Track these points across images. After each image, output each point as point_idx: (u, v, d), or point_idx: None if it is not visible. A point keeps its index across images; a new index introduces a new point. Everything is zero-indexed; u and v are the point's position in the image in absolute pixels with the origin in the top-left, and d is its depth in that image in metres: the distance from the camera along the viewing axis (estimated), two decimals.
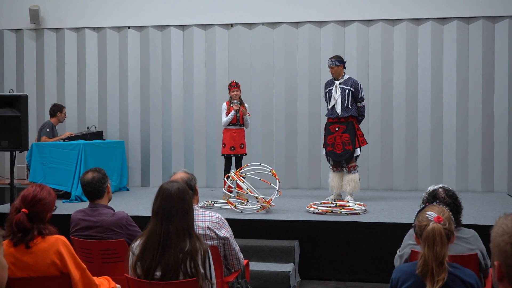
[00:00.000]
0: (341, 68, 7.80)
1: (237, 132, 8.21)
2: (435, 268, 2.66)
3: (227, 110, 8.19)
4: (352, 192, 7.75)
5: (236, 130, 8.21)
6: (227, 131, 8.24)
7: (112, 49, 10.33)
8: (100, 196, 4.10)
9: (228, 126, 8.21)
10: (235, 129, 8.21)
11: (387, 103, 9.50)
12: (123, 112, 10.28)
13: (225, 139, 8.26)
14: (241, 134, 8.25)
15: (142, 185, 10.20)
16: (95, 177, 4.09)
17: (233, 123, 8.18)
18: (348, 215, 6.72)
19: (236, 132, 8.21)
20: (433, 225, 2.73)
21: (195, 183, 3.84)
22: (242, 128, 8.27)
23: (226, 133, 8.25)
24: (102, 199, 4.11)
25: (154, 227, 3.00)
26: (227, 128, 8.23)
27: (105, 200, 4.12)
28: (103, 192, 4.11)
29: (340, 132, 7.75)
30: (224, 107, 8.26)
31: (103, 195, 4.12)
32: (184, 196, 3.05)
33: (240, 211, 7.01)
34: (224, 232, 3.77)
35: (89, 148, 8.63)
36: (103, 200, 4.11)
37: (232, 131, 8.20)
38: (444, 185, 3.70)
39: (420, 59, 9.41)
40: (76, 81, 10.43)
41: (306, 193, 9.06)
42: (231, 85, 8.21)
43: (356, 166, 7.81)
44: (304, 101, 9.73)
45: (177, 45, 10.13)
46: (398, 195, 8.76)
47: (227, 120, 8.15)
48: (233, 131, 8.20)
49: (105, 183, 4.11)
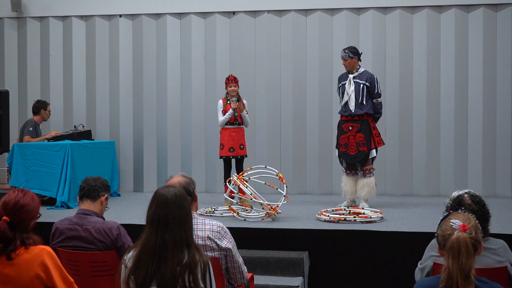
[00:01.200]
0: (355, 61, 7.80)
1: (236, 131, 8.20)
2: (460, 282, 2.65)
3: (223, 108, 8.18)
4: (367, 198, 7.74)
5: (234, 129, 8.19)
6: (225, 131, 8.22)
7: (101, 40, 10.34)
8: (93, 198, 4.14)
9: (226, 125, 8.20)
10: (234, 128, 8.20)
11: (406, 99, 9.49)
12: (114, 110, 10.30)
13: (223, 140, 8.24)
14: (241, 134, 8.25)
15: (134, 190, 10.21)
16: (99, 180, 4.24)
17: (231, 122, 8.17)
18: (363, 223, 6.70)
19: (235, 131, 8.20)
20: (458, 234, 2.73)
21: (194, 188, 3.84)
22: (241, 127, 8.27)
23: (224, 133, 8.24)
24: (94, 203, 4.14)
25: (149, 237, 3.00)
26: (224, 127, 8.23)
27: (96, 207, 4.15)
28: (97, 196, 4.16)
29: (354, 132, 7.74)
30: (220, 105, 8.24)
31: (96, 199, 4.16)
32: (182, 202, 3.05)
33: (243, 219, 7.00)
34: (226, 242, 3.77)
35: (76, 149, 8.65)
36: (94, 205, 4.14)
37: (230, 130, 8.18)
38: (470, 190, 3.69)
39: (443, 51, 9.39)
40: (62, 75, 10.45)
41: (317, 199, 9.06)
42: (229, 80, 8.19)
43: (371, 169, 7.80)
44: (314, 97, 9.72)
45: (174, 35, 10.14)
46: (419, 201, 8.74)
47: (224, 120, 8.14)
48: (232, 130, 8.18)
49: (104, 191, 4.20)
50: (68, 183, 8.36)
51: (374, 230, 6.35)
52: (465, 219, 2.82)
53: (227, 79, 8.22)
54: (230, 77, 8.21)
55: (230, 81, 8.16)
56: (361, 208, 7.45)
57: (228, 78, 8.22)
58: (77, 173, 8.50)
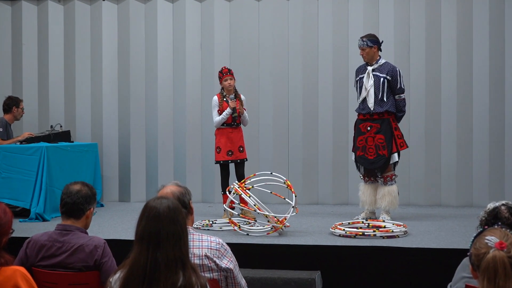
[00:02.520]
0: (375, 50, 7.80)
1: (234, 131, 8.23)
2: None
3: (219, 106, 8.18)
4: (388, 209, 7.74)
5: (232, 130, 8.23)
6: (221, 132, 8.25)
7: (82, 27, 10.34)
8: (78, 216, 4.11)
9: (222, 126, 8.22)
10: (231, 128, 8.23)
11: (434, 95, 9.48)
12: (96, 107, 10.31)
13: (219, 142, 8.26)
14: (239, 134, 8.28)
15: (120, 199, 10.22)
16: (83, 191, 4.14)
17: (227, 123, 8.20)
18: (383, 238, 6.71)
19: (233, 132, 8.22)
20: (495, 253, 2.73)
21: (189, 199, 3.84)
22: (239, 127, 8.29)
23: (220, 134, 8.26)
24: (79, 220, 4.12)
25: (138, 256, 3.00)
26: (220, 128, 8.24)
27: (81, 223, 4.14)
28: (82, 212, 4.13)
29: (373, 132, 7.74)
30: (215, 102, 8.26)
31: (81, 216, 4.13)
32: (176, 216, 3.06)
33: (246, 234, 7.01)
34: (227, 261, 3.78)
35: (53, 153, 8.65)
36: (78, 223, 4.12)
37: (227, 130, 8.21)
38: (508, 202, 3.69)
39: (476, 39, 9.38)
40: (36, 68, 10.46)
41: (330, 210, 9.06)
42: (222, 73, 8.19)
43: (393, 176, 7.80)
44: (327, 92, 9.72)
45: (165, 21, 10.14)
46: (448, 212, 8.74)
47: (220, 121, 8.17)
48: (229, 130, 8.22)
49: (90, 204, 4.15)
50: (43, 192, 8.36)
51: (396, 247, 6.35)
52: (503, 235, 2.82)
53: (220, 72, 8.25)
54: (224, 69, 8.24)
55: (225, 74, 8.17)
56: (381, 220, 7.46)
57: (221, 71, 8.24)
58: (54, 180, 8.50)
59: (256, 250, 6.51)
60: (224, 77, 8.17)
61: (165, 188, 3.86)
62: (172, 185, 3.87)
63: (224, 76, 8.17)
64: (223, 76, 8.18)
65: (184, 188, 3.88)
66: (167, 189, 3.82)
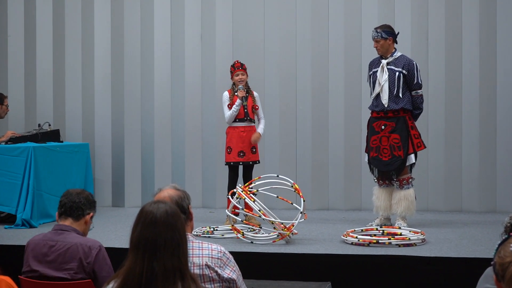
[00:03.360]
0: (389, 42, 7.81)
1: (246, 130, 8.22)
2: None
3: (230, 101, 8.20)
4: (405, 215, 7.74)
5: (245, 128, 8.22)
6: (233, 130, 8.25)
7: (72, 17, 10.35)
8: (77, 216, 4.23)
9: (233, 123, 8.22)
10: (244, 126, 8.22)
11: (455, 91, 9.47)
12: (88, 105, 10.32)
13: (230, 141, 8.27)
14: (252, 134, 8.26)
15: (113, 204, 10.23)
16: (84, 193, 4.33)
17: (240, 119, 8.20)
18: (399, 246, 6.71)
19: (246, 131, 8.22)
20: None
21: (188, 203, 3.85)
22: (253, 125, 8.29)
23: (232, 133, 8.26)
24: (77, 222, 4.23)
25: (133, 265, 3.01)
26: (232, 125, 8.24)
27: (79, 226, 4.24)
28: (81, 215, 4.27)
29: (388, 132, 7.75)
30: (226, 97, 8.28)
31: (80, 218, 4.28)
32: (175, 222, 3.06)
33: (250, 241, 7.01)
34: (229, 271, 3.78)
35: (41, 154, 8.66)
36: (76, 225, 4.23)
37: (239, 129, 8.21)
38: None
39: (500, 30, 9.37)
40: (23, 61, 10.47)
41: (342, 216, 9.07)
42: (234, 67, 8.21)
43: (410, 179, 7.80)
44: (338, 88, 9.73)
45: (163, 10, 10.15)
46: (470, 218, 8.73)
47: (232, 114, 8.17)
48: (241, 129, 8.21)
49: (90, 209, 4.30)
50: (30, 196, 8.36)
51: (413, 256, 6.34)
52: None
53: (232, 66, 8.24)
54: (236, 63, 8.24)
55: (237, 68, 8.18)
56: (397, 227, 7.45)
57: (233, 65, 8.24)
58: (42, 184, 8.52)
59: (261, 259, 6.52)
60: (235, 72, 8.17)
61: (162, 191, 3.86)
62: (170, 188, 3.87)
63: (235, 70, 8.17)
64: (234, 71, 8.18)
65: (183, 191, 3.89)
66: (164, 193, 3.83)
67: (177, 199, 3.77)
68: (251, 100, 8.25)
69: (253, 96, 8.31)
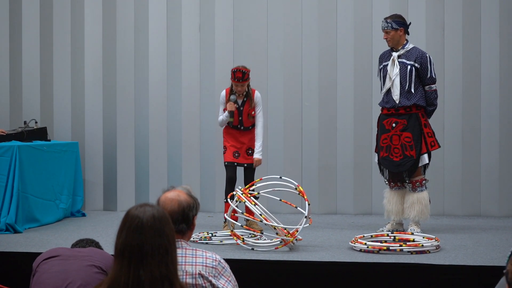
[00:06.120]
0: (400, 34, 7.81)
1: (242, 133, 8.27)
2: None
3: (225, 106, 8.21)
4: (418, 220, 7.75)
5: (241, 132, 8.30)
6: (229, 130, 8.32)
7: (61, 7, 10.36)
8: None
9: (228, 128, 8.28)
10: (239, 131, 8.30)
11: (473, 86, 9.46)
12: (77, 101, 10.32)
13: (226, 141, 8.32)
14: (250, 136, 8.26)
15: (105, 208, 10.23)
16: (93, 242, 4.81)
17: (234, 125, 8.25)
18: (412, 253, 6.70)
19: (242, 134, 8.26)
20: None
21: (195, 214, 3.82)
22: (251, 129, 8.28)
23: (227, 132, 8.33)
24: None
25: (118, 274, 3.00)
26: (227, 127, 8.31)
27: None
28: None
29: (399, 130, 7.75)
30: (222, 99, 8.30)
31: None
32: (162, 227, 3.05)
33: (251, 248, 7.01)
34: (224, 281, 3.77)
35: (26, 153, 8.66)
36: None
37: (235, 131, 8.29)
38: None
39: None
40: (7, 55, 10.47)
41: (350, 220, 9.08)
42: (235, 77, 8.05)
43: (423, 181, 7.79)
44: (347, 83, 9.73)
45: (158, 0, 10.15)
46: (488, 224, 8.74)
47: (222, 122, 8.27)
48: (236, 131, 8.28)
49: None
50: (15, 199, 8.35)
51: (427, 264, 6.33)
52: None
53: (233, 73, 8.08)
54: (237, 73, 8.06)
55: (237, 79, 8.07)
56: (410, 233, 7.45)
57: (234, 73, 8.07)
58: (27, 185, 8.51)
59: (262, 267, 6.51)
60: (234, 82, 8.10)
61: (172, 191, 3.84)
62: (182, 191, 3.84)
63: (235, 81, 8.07)
64: (233, 81, 8.09)
65: (195, 199, 3.85)
66: (173, 193, 3.80)
67: (185, 206, 3.75)
68: (248, 107, 8.20)
69: (252, 100, 8.22)
